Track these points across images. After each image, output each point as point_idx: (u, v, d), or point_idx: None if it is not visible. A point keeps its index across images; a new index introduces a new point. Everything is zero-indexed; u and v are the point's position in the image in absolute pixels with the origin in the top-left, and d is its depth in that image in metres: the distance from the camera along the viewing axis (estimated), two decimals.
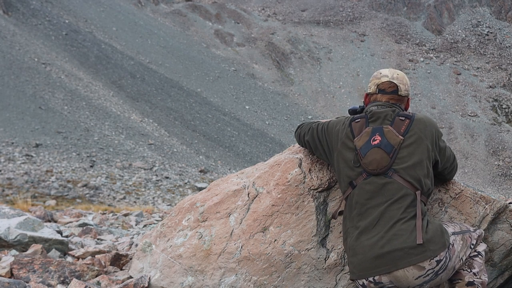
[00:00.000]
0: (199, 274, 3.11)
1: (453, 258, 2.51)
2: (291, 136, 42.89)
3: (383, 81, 2.76)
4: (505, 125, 50.11)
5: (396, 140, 2.58)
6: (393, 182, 2.52)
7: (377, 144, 2.58)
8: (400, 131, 2.60)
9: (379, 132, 2.61)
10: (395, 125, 2.62)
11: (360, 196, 2.57)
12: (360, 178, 2.60)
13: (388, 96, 2.75)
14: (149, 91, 39.52)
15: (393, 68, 2.88)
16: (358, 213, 2.55)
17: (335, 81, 53.74)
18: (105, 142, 26.75)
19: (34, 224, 4.20)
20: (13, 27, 37.84)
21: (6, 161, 20.88)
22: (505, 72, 55.00)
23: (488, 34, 58.48)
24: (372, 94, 2.81)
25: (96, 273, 3.48)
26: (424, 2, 61.05)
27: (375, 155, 2.57)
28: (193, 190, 21.58)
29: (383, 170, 2.55)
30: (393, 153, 2.56)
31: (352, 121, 2.73)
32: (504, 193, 39.82)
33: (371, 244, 2.44)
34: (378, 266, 2.41)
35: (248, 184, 3.23)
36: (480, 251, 2.69)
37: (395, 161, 2.55)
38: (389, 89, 2.75)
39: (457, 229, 2.65)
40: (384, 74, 2.79)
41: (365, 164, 2.58)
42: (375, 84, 2.80)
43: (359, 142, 2.63)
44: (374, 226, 2.47)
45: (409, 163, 2.54)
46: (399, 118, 2.64)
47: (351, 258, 2.54)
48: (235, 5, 61.74)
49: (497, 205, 3.01)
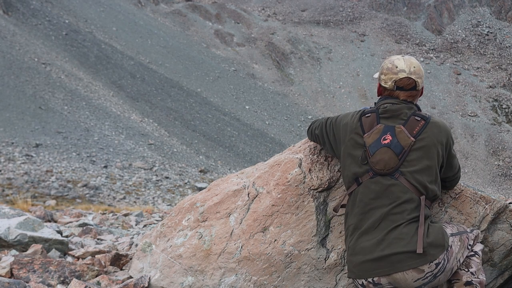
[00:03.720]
0: (199, 274, 3.11)
1: (451, 259, 2.51)
2: (291, 136, 42.89)
3: (401, 78, 2.63)
4: (505, 125, 50.11)
5: (407, 141, 2.51)
6: (398, 185, 2.48)
7: (387, 144, 2.52)
8: (413, 132, 2.52)
9: (391, 132, 2.54)
10: (408, 125, 2.55)
11: (364, 195, 2.54)
12: (366, 176, 2.55)
13: (406, 93, 2.65)
14: (149, 91, 39.52)
15: (405, 55, 2.70)
16: (360, 212, 2.53)
17: (335, 81, 53.74)
18: (105, 142, 26.74)
19: (34, 224, 4.20)
20: (13, 27, 37.83)
21: (6, 161, 20.88)
22: (505, 72, 55.00)
23: (488, 34, 58.48)
24: (389, 90, 2.68)
25: (96, 273, 3.48)
26: (424, 2, 61.06)
27: (383, 155, 2.51)
28: (193, 190, 21.58)
29: (390, 171, 2.50)
30: (402, 154, 2.50)
31: (363, 115, 2.65)
32: (504, 193, 39.79)
33: (372, 246, 2.43)
34: (377, 268, 2.42)
35: (248, 184, 3.23)
36: (477, 251, 2.68)
37: (403, 163, 2.50)
38: (408, 86, 2.64)
39: (455, 230, 2.64)
40: (400, 68, 2.64)
41: (373, 163, 2.53)
42: (392, 80, 2.65)
43: (369, 139, 2.56)
44: (376, 228, 2.46)
45: (416, 167, 2.49)
46: (414, 118, 2.56)
47: (350, 257, 2.54)
48: (235, 5, 61.73)
49: (497, 205, 3.01)
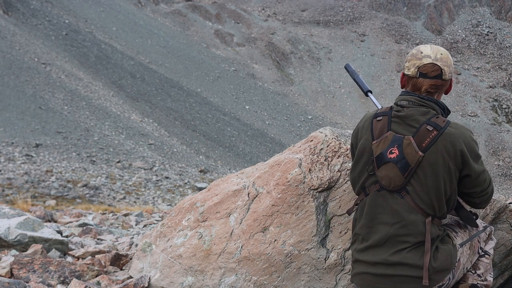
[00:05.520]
0: (199, 274, 3.11)
1: (457, 273, 2.43)
2: (291, 136, 42.88)
3: (425, 63, 2.38)
4: (505, 125, 50.11)
5: (414, 157, 2.29)
6: (404, 204, 2.33)
7: (393, 159, 2.33)
8: (422, 146, 2.29)
9: (398, 144, 2.33)
10: (418, 135, 2.31)
11: (371, 208, 2.41)
12: (374, 187, 2.40)
13: (431, 82, 2.39)
14: (149, 91, 39.52)
15: (433, 44, 2.51)
16: (367, 224, 2.42)
17: (335, 81, 53.73)
18: (105, 142, 26.74)
19: (34, 224, 4.20)
20: (13, 27, 37.83)
21: (6, 161, 20.88)
22: (505, 72, 55.00)
23: (488, 34, 58.48)
24: (411, 78, 2.42)
25: (96, 273, 3.48)
26: (424, 2, 61.06)
27: (388, 172, 2.34)
28: (193, 190, 21.57)
29: (395, 188, 2.34)
30: (409, 172, 2.30)
31: (375, 117, 2.46)
32: (504, 193, 39.77)
33: (376, 262, 2.36)
34: (379, 283, 2.37)
35: (248, 184, 3.22)
36: (487, 250, 2.59)
37: (410, 181, 2.31)
38: (432, 73, 2.38)
39: (466, 236, 2.51)
40: (426, 54, 2.40)
41: (379, 177, 2.38)
42: (415, 66, 2.40)
43: (377, 148, 2.38)
44: (381, 246, 2.36)
45: (423, 187, 2.30)
46: (426, 127, 2.31)
47: (354, 263, 2.49)
48: (235, 5, 61.72)
49: (497, 205, 3.01)
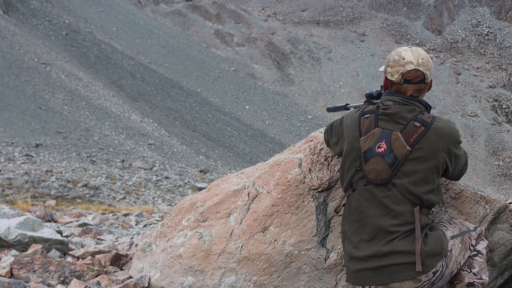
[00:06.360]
0: (199, 274, 3.11)
1: (450, 264, 2.46)
2: (291, 136, 42.89)
3: (409, 70, 2.46)
4: (505, 125, 50.12)
5: (402, 151, 2.37)
6: (391, 196, 2.39)
7: (381, 153, 2.40)
8: (410, 140, 2.38)
9: (386, 139, 2.41)
10: (406, 131, 2.40)
11: (359, 202, 2.47)
12: (361, 182, 2.47)
13: (415, 87, 2.49)
14: (149, 91, 39.52)
15: (412, 46, 2.57)
16: (356, 219, 2.47)
17: (335, 81, 53.74)
18: (105, 142, 26.75)
19: (34, 224, 4.20)
20: (13, 27, 37.83)
21: (6, 161, 20.88)
22: (505, 72, 55.00)
23: (488, 34, 58.48)
24: (395, 84, 2.51)
25: (96, 273, 3.48)
26: (424, 2, 61.06)
27: (376, 165, 2.41)
28: (193, 190, 21.57)
29: (382, 181, 2.41)
30: (396, 165, 2.38)
31: (362, 115, 2.53)
32: (504, 193, 39.80)
33: (369, 256, 2.40)
34: (374, 277, 2.40)
35: (248, 184, 3.22)
36: (480, 250, 2.62)
37: (397, 174, 2.39)
38: (416, 79, 2.47)
39: (456, 231, 2.57)
40: (408, 60, 2.47)
41: (366, 171, 2.44)
42: (399, 73, 2.49)
43: (365, 144, 2.46)
44: (372, 240, 2.41)
45: (411, 179, 2.38)
46: (414, 124, 2.40)
47: (348, 262, 2.52)
48: (235, 5, 61.73)
49: (497, 205, 3.00)
